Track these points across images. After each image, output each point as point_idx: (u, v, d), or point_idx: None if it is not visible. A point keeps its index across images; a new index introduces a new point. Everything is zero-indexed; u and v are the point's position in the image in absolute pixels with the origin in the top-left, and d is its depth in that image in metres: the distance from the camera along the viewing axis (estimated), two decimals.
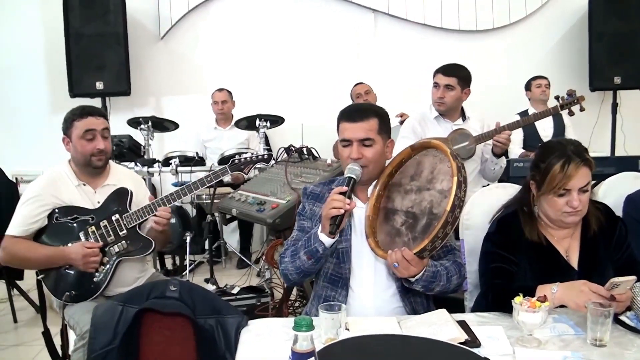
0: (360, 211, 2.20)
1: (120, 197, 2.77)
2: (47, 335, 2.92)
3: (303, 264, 2.12)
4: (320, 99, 6.29)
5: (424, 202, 2.03)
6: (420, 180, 2.10)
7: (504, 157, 3.71)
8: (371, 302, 2.18)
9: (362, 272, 2.20)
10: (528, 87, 5.75)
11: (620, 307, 1.88)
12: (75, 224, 2.71)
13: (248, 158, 2.96)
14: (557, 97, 3.85)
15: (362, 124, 2.17)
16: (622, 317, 1.91)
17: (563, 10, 6.57)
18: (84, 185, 2.79)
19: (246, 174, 2.98)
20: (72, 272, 2.69)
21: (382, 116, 2.23)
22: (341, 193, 2.02)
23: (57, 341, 2.88)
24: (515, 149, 5.43)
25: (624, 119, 6.36)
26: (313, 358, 1.31)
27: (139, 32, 6.22)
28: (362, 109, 2.25)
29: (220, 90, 5.89)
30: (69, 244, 2.68)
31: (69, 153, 2.81)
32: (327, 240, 2.05)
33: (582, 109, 3.86)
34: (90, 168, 2.77)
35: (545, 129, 5.49)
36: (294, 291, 3.88)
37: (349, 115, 2.22)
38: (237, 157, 2.98)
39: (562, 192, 2.08)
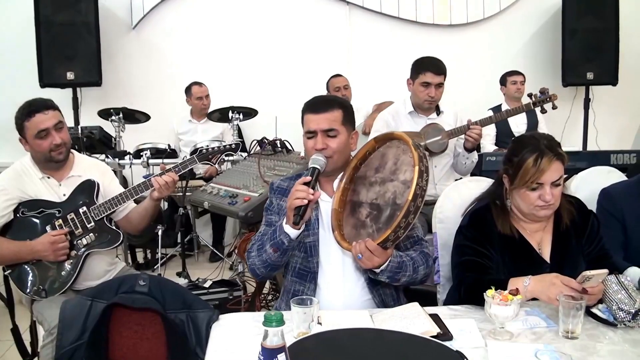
0: (327, 205, 2.20)
1: (87, 189, 2.74)
2: (15, 332, 2.88)
3: (269, 257, 2.11)
4: (294, 91, 6.20)
5: (388, 193, 2.03)
6: (384, 171, 2.10)
7: (475, 152, 3.73)
8: (340, 295, 2.18)
9: (330, 265, 2.20)
10: (503, 82, 5.74)
11: (592, 299, 1.90)
12: (41, 218, 2.67)
13: (215, 148, 2.93)
14: (530, 95, 3.87)
15: (326, 114, 2.17)
16: (594, 310, 1.92)
17: (537, 6, 6.62)
18: (48, 177, 2.74)
19: (214, 164, 2.94)
20: (39, 266, 2.65)
21: (346, 107, 2.24)
22: (305, 183, 2.02)
23: (27, 337, 2.83)
24: (488, 145, 5.44)
25: (596, 114, 6.43)
26: (283, 354, 1.28)
27: (111, 21, 6.11)
28: (325, 100, 2.27)
29: (199, 84, 5.82)
30: (36, 239, 2.64)
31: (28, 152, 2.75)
32: (292, 232, 2.05)
33: (554, 107, 3.88)
34: (52, 163, 2.72)
35: (518, 124, 5.50)
36: (267, 284, 3.86)
37: (312, 106, 2.22)
38: (204, 147, 2.96)
39: (535, 186, 2.08)
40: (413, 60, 3.71)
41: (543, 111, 3.93)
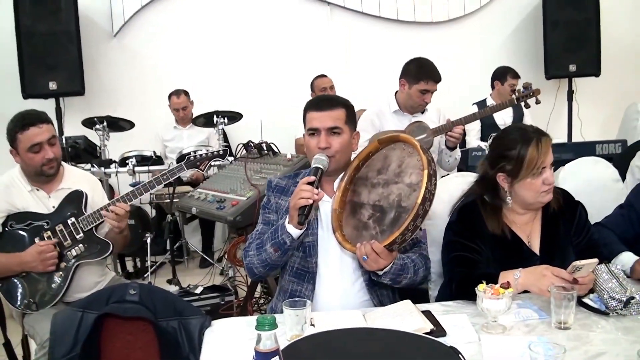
0: (327, 205, 2.19)
1: (75, 200, 2.71)
2: (8, 346, 2.85)
3: (269, 257, 2.10)
4: (278, 93, 6.25)
5: (392, 196, 2.03)
6: (388, 173, 2.09)
7: (458, 150, 3.74)
8: (338, 296, 2.17)
9: (328, 266, 2.19)
10: (501, 78, 5.60)
11: (583, 289, 1.90)
12: (29, 230, 2.65)
13: (204, 154, 2.91)
14: (513, 90, 3.89)
15: (330, 112, 2.17)
16: (586, 300, 1.93)
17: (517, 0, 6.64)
18: (37, 190, 2.72)
19: (202, 170, 2.92)
20: (28, 279, 2.62)
21: (349, 107, 2.25)
22: (309, 183, 2.01)
23: (20, 352, 2.81)
24: (473, 140, 5.44)
25: (579, 106, 6.46)
26: (277, 357, 1.27)
27: (92, 29, 6.05)
28: (330, 99, 2.28)
29: (177, 94, 5.76)
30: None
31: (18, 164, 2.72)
32: (295, 232, 2.04)
33: (537, 102, 3.90)
34: (42, 177, 2.69)
35: (503, 118, 5.48)
36: (258, 288, 3.84)
37: (317, 104, 2.22)
38: (192, 153, 2.93)
39: (540, 172, 2.09)
40: (396, 58, 3.73)
41: (527, 106, 3.95)
